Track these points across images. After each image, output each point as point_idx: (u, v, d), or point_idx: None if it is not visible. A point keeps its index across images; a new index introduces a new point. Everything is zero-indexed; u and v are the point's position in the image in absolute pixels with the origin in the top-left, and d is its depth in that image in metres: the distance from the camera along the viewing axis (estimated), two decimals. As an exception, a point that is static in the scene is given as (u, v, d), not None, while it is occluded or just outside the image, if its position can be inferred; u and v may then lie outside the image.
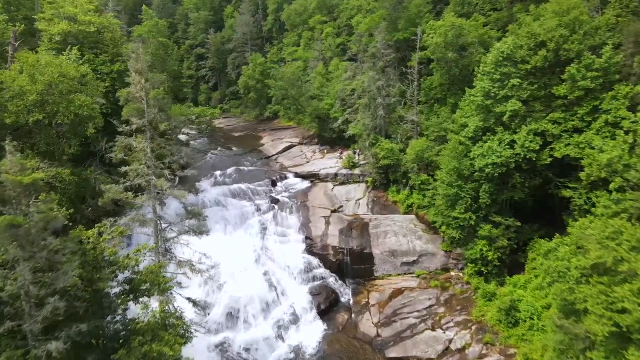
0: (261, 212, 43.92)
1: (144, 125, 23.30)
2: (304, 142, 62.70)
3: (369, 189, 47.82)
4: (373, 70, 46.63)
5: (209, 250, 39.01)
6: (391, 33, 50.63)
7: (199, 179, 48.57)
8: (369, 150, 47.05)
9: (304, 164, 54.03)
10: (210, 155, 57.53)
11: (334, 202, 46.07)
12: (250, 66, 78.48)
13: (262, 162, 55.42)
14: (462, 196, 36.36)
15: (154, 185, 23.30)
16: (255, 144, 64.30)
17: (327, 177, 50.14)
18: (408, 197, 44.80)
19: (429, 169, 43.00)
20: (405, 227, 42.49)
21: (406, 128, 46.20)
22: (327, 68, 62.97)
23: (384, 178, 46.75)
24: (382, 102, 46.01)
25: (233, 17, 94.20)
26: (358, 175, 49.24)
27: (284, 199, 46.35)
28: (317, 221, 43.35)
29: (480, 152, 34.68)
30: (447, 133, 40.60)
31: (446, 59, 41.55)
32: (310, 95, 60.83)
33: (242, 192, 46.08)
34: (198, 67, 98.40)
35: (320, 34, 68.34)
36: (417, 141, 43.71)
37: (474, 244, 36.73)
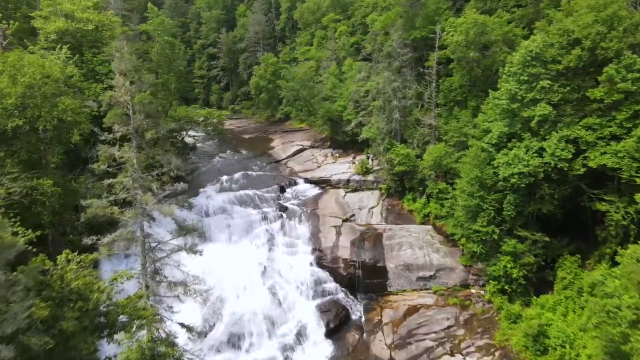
0: (268, 221, 41.48)
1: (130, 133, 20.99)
2: (315, 145, 60.22)
3: (383, 197, 45.08)
4: (388, 70, 43.87)
5: (212, 261, 37.17)
6: (408, 31, 47.77)
7: (204, 184, 46.48)
8: (383, 156, 44.32)
9: (314, 169, 51.49)
10: (218, 159, 55.38)
11: (345, 211, 43.44)
12: (262, 66, 76.34)
13: (272, 166, 53.04)
14: (485, 208, 33.44)
15: (140, 200, 21.01)
16: (266, 147, 62.01)
17: (338, 183, 47.51)
18: (425, 206, 42.00)
19: (448, 177, 40.15)
20: (421, 238, 39.69)
21: (423, 132, 43.34)
22: (340, 68, 60.33)
23: (399, 185, 43.97)
24: (397, 105, 43.23)
25: (245, 16, 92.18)
26: (372, 182, 46.52)
27: (292, 206, 43.85)
28: (328, 231, 40.77)
29: (505, 161, 31.73)
30: (468, 139, 37.68)
31: (467, 59, 38.60)
32: (322, 97, 58.28)
33: (249, 199, 43.71)
34: (210, 67, 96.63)
35: (334, 33, 65.70)
36: (435, 147, 40.86)
37: (496, 259, 33.79)
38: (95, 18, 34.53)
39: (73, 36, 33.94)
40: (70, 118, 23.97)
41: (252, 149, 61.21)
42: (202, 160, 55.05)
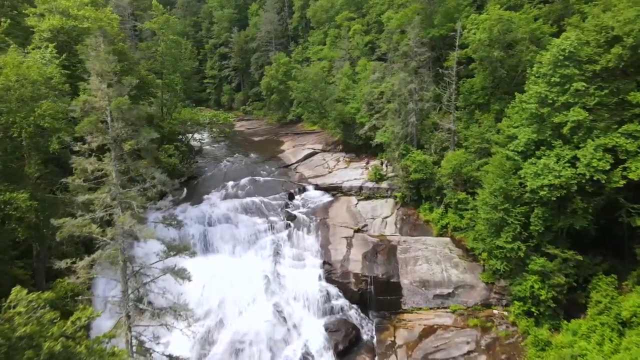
0: (275, 231, 39.05)
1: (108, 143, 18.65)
2: (327, 149, 57.64)
3: (398, 206, 42.28)
4: (404, 71, 41.08)
5: (214, 274, 34.95)
6: (425, 30, 44.88)
7: (209, 190, 44.29)
8: (398, 162, 41.54)
9: (325, 174, 48.89)
10: (226, 163, 53.12)
11: (357, 220, 40.75)
12: (274, 66, 74.05)
13: (281, 171, 50.58)
14: (509, 222, 30.49)
15: (118, 221, 18.65)
16: (275, 150, 59.62)
17: (350, 190, 44.85)
18: (442, 216, 39.12)
19: (468, 186, 37.22)
20: (438, 252, 36.84)
21: (441, 137, 40.45)
22: (353, 69, 57.62)
23: (415, 194, 41.13)
24: (414, 108, 40.43)
25: (258, 15, 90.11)
26: (385, 190, 43.74)
27: (301, 215, 41.34)
28: (338, 243, 38.15)
29: (534, 171, 28.74)
30: (490, 145, 34.75)
31: (491, 59, 35.61)
32: (334, 98, 55.64)
33: (255, 207, 41.31)
34: (221, 67, 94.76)
35: (348, 32, 62.98)
36: (454, 153, 37.98)
37: (522, 278, 30.81)
38: (92, 15, 32.50)
39: (68, 34, 31.99)
40: (47, 124, 21.84)
41: (262, 152, 58.87)
42: (208, 164, 52.87)
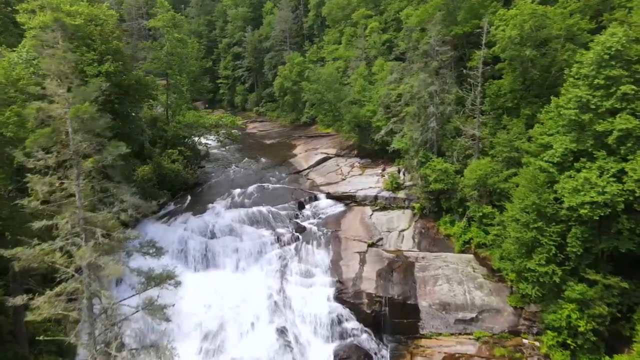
0: (282, 244, 36.20)
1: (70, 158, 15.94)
2: (341, 153, 54.61)
3: (416, 218, 39.03)
4: (424, 71, 37.78)
5: (215, 292, 32.32)
6: (448, 27, 41.52)
7: (213, 198, 41.71)
8: (417, 171, 38.28)
9: (338, 182, 45.83)
10: (234, 168, 50.49)
11: (372, 234, 37.62)
12: (287, 66, 71.43)
13: (291, 178, 47.72)
14: (543, 242, 27.00)
15: (75, 255, 15.87)
16: (287, 154, 56.82)
17: (365, 200, 41.73)
18: (465, 230, 35.73)
19: (494, 198, 33.78)
20: (461, 270, 33.49)
21: (464, 144, 37.04)
22: (370, 69, 54.45)
23: (434, 205, 37.82)
24: (434, 112, 37.10)
25: (272, 13, 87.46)
26: (403, 200, 40.50)
27: (311, 226, 38.43)
28: (350, 258, 35.09)
29: (573, 186, 25.23)
30: (521, 154, 31.27)
31: (522, 58, 32.10)
32: (349, 100, 52.57)
33: (262, 218, 38.49)
34: (235, 67, 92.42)
35: (364, 30, 59.81)
36: (478, 162, 34.58)
37: (557, 306, 27.30)
38: (85, 11, 30.13)
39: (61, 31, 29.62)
40: (10, 133, 19.39)
41: (273, 156, 56.13)
42: (216, 169, 50.31)
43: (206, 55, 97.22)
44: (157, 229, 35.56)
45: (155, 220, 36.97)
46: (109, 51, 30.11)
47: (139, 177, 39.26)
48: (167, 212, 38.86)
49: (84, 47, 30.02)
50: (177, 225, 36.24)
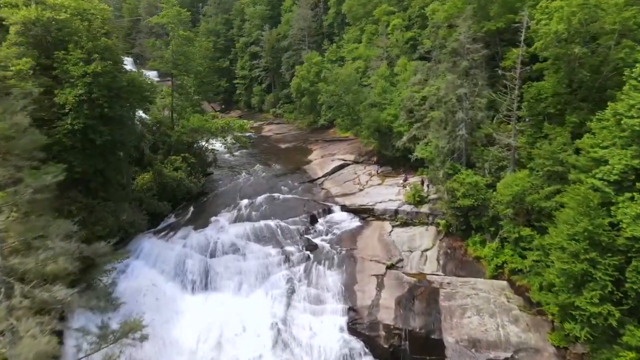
0: (290, 265, 32.56)
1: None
2: (359, 160, 50.71)
3: (441, 236, 34.90)
4: (453, 72, 33.59)
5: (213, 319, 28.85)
6: (479, 23, 37.24)
7: (218, 210, 38.34)
8: (442, 183, 34.12)
9: (355, 192, 41.92)
10: (244, 175, 47.05)
11: (391, 253, 33.66)
12: (304, 66, 67.89)
13: (304, 187, 44.01)
14: (596, 276, 22.60)
15: None
16: (302, 160, 53.19)
17: (384, 214, 37.75)
18: (497, 253, 31.43)
19: (533, 218, 29.41)
20: (493, 300, 29.21)
21: (498, 154, 32.73)
22: (392, 69, 50.39)
23: (462, 222, 33.60)
24: (464, 118, 32.89)
25: (291, 11, 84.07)
26: (426, 215, 36.39)
27: (323, 244, 34.70)
28: (367, 282, 31.21)
29: (636, 212, 20.80)
30: (566, 169, 26.88)
31: (569, 56, 27.64)
32: (369, 103, 48.63)
33: (270, 233, 34.92)
34: (252, 67, 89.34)
35: (386, 28, 55.77)
36: (514, 175, 30.28)
37: (612, 353, 22.84)
38: (72, 4, 27.10)
39: (45, 27, 26.71)
40: None
41: (286, 162, 52.60)
42: (225, 176, 46.93)
43: (223, 54, 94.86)
44: (152, 246, 32.38)
45: (152, 234, 33.81)
46: (96, 49, 26.97)
47: (138, 187, 36.28)
48: (167, 225, 35.68)
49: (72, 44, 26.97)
50: (176, 241, 32.98)
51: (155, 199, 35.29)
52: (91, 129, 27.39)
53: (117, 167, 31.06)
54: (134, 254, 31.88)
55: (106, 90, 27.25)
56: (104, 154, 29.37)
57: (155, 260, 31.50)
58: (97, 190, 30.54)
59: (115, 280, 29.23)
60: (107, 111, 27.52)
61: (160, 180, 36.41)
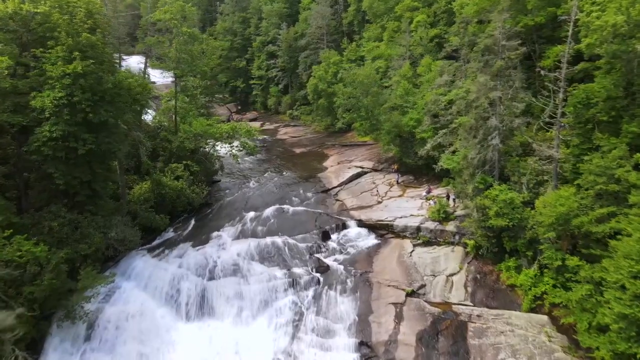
0: (298, 289, 28.95)
1: None
2: (379, 167, 46.87)
3: (469, 259, 30.82)
4: (485, 73, 29.43)
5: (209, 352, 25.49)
6: (514, 17, 33.03)
7: (221, 224, 35.07)
8: (471, 199, 30.01)
9: (373, 205, 38.07)
10: (253, 184, 43.68)
11: (412, 278, 29.74)
12: (322, 66, 64.43)
13: (318, 198, 40.37)
14: (666, 325, 18.33)
15: None
16: (317, 166, 49.62)
17: (404, 231, 33.83)
18: (536, 281, 27.21)
19: (581, 244, 25.14)
20: (531, 340, 25.03)
21: (537, 167, 28.49)
22: (414, 69, 46.36)
23: (494, 244, 29.43)
24: (498, 125, 28.73)
25: (309, 8, 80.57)
26: (452, 234, 32.34)
27: (336, 265, 31.05)
28: (384, 312, 27.40)
29: None
30: (623, 188, 22.55)
31: (628, 54, 23.28)
32: (389, 106, 44.75)
33: (276, 252, 31.42)
34: (268, 67, 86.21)
35: (409, 25, 51.68)
36: (557, 193, 25.97)
37: (685, 419, 18.52)
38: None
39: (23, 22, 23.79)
40: None
41: (300, 168, 49.09)
42: (233, 185, 43.62)
43: (240, 54, 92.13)
44: (145, 265, 29.20)
45: (146, 252, 30.66)
46: (78, 46, 23.88)
47: (135, 197, 33.23)
48: (163, 241, 32.50)
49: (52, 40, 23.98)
50: (171, 261, 29.74)
51: (152, 212, 32.16)
52: (73, 136, 24.32)
53: (108, 178, 27.99)
54: (124, 274, 28.79)
55: (89, 93, 24.15)
56: (90, 164, 26.32)
57: (148, 281, 28.32)
58: (83, 203, 27.50)
59: (100, 305, 26.13)
60: (92, 116, 24.40)
61: (159, 191, 33.30)
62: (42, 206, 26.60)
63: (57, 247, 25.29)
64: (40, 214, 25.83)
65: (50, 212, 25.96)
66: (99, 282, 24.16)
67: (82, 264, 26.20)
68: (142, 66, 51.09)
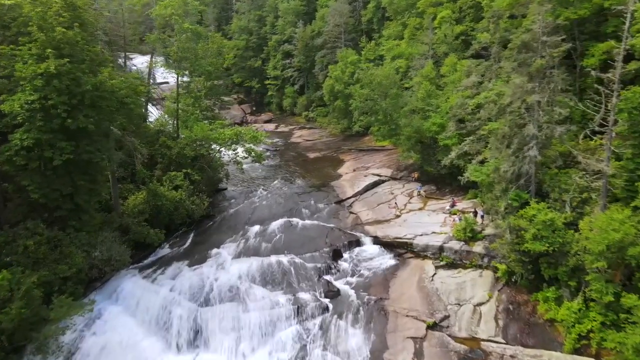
0: (303, 318, 25.60)
1: None
2: (397, 175, 43.25)
3: (500, 286, 27.08)
4: (521, 73, 25.55)
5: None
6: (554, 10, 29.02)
7: (222, 239, 32.00)
8: (503, 218, 26.18)
9: (390, 219, 34.46)
10: (261, 192, 40.49)
11: (434, 307, 26.10)
12: (339, 65, 61.06)
13: (330, 209, 36.97)
14: None
15: None
16: (330, 174, 46.19)
17: (425, 250, 30.18)
18: (581, 317, 23.42)
19: (636, 274, 21.16)
20: (576, 388, 21.17)
21: (582, 184, 24.51)
22: (438, 69, 42.56)
23: (530, 270, 25.55)
24: (536, 134, 24.84)
25: (327, 6, 77.16)
26: (480, 256, 28.56)
27: (347, 289, 27.64)
28: (400, 348, 23.84)
29: None
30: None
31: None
32: (410, 109, 41.09)
33: (281, 274, 28.09)
34: (284, 67, 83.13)
35: (432, 21, 47.81)
36: (609, 215, 22.06)
37: None
38: (24, -12, 21.35)
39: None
40: None
41: (313, 176, 45.78)
42: (240, 194, 40.46)
43: (255, 53, 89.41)
44: (134, 287, 26.24)
45: (136, 271, 27.69)
46: (52, 43, 21.00)
47: (129, 209, 30.36)
48: (157, 258, 29.52)
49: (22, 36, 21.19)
50: (163, 282, 26.70)
51: (146, 226, 29.19)
52: (48, 145, 21.46)
53: (93, 190, 25.06)
54: (111, 296, 25.88)
55: (66, 96, 21.25)
56: (71, 175, 23.43)
57: (136, 306, 25.37)
58: (66, 218, 24.65)
59: (81, 334, 23.24)
60: (69, 122, 21.48)
61: (155, 202, 30.35)
62: (19, 221, 23.85)
63: (32, 268, 22.53)
64: (16, 230, 23.08)
65: (26, 229, 23.23)
66: (75, 311, 21.24)
67: (61, 287, 23.30)
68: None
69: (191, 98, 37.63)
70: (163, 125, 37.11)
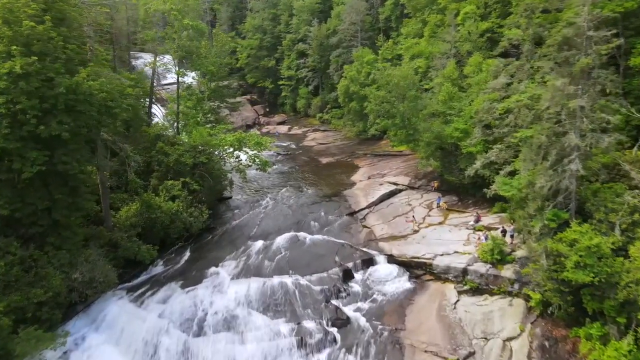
0: (307, 352, 22.55)
1: None
2: (416, 184, 39.94)
3: (533, 317, 23.63)
4: (561, 74, 22.07)
5: None
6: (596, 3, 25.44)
7: (222, 256, 29.13)
8: (538, 240, 22.75)
9: (407, 235, 31.20)
10: (267, 203, 37.60)
11: (456, 341, 22.83)
12: (354, 65, 58.10)
13: (341, 222, 33.87)
14: None
15: None
16: (344, 181, 43.13)
17: (447, 272, 26.88)
18: (631, 359, 19.72)
19: None
20: None
21: (634, 202, 20.97)
22: (461, 69, 39.12)
23: (570, 302, 22.05)
24: (578, 144, 21.36)
25: (343, 3, 74.08)
26: (510, 282, 25.12)
27: (358, 316, 24.52)
28: (418, 391, 20.63)
29: None
30: None
31: None
32: (430, 112, 37.80)
33: (284, 298, 25.11)
34: (298, 67, 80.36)
35: (454, 17, 44.32)
36: (669, 243, 18.47)
37: None
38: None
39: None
40: None
41: (325, 183, 42.76)
42: (245, 203, 37.58)
43: (269, 53, 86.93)
44: (120, 312, 23.52)
45: (124, 293, 24.98)
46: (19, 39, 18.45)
47: (121, 221, 27.77)
48: (149, 277, 26.80)
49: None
50: (152, 307, 23.95)
51: (136, 242, 26.52)
52: (18, 155, 18.90)
53: (74, 205, 22.44)
54: (94, 322, 23.24)
55: (37, 99, 18.68)
56: (48, 188, 20.87)
57: (120, 334, 22.68)
58: (44, 235, 22.10)
59: (57, 366, 20.62)
60: (41, 129, 18.89)
61: (149, 215, 27.69)
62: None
63: (2, 293, 20.03)
64: (-17, 251, 20.57)
65: (-3, 248, 20.68)
66: (44, 345, 18.65)
67: (35, 313, 20.75)
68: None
69: (193, 100, 34.96)
70: (163, 129, 34.54)
